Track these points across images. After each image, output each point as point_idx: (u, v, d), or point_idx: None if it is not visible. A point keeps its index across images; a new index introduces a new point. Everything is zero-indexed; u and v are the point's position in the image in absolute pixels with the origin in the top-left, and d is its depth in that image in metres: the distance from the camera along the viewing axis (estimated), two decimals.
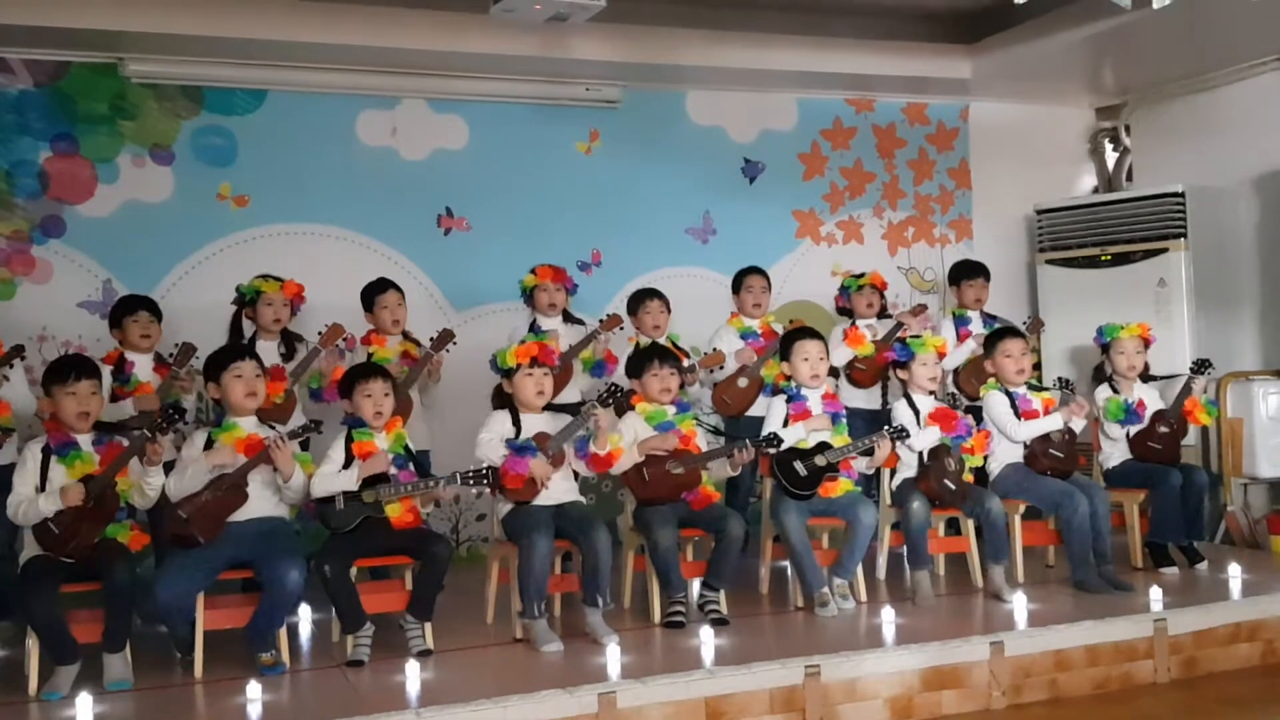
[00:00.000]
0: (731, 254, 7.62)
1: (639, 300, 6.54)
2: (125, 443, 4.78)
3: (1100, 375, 6.55)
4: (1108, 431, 6.34)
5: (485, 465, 4.94)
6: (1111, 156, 8.98)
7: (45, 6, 6.18)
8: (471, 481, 4.86)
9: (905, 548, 5.75)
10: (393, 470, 5.01)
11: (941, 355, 5.99)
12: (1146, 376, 6.49)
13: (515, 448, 5.12)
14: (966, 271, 7.08)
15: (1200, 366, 6.45)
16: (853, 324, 6.81)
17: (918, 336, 6.00)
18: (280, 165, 7.04)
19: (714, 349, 6.45)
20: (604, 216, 7.68)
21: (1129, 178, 8.85)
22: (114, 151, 6.79)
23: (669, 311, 6.53)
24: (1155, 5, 5.14)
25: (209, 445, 4.90)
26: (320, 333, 6.05)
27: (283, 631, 4.82)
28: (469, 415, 5.57)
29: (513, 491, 5.11)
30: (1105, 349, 6.49)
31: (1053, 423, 5.88)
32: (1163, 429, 6.25)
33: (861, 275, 6.93)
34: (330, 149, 7.16)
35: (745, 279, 6.75)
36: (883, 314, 6.94)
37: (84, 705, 4.13)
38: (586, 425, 5.18)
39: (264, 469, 4.89)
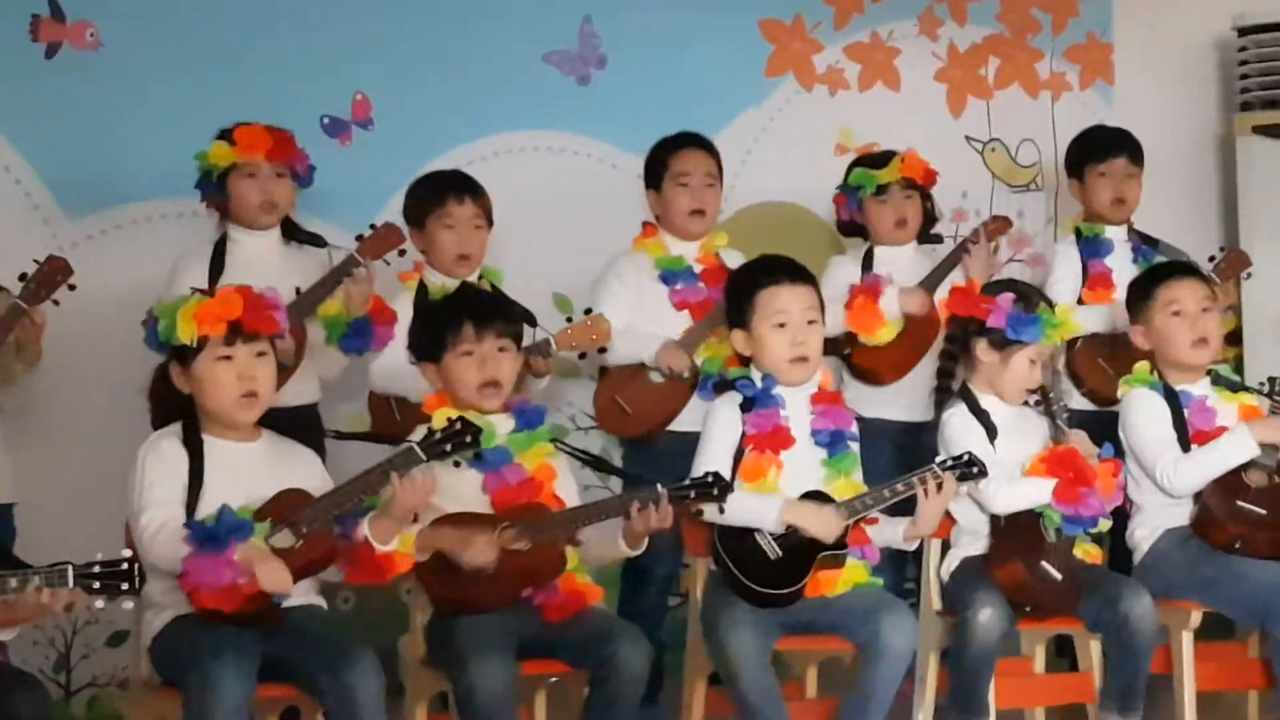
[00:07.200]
0: (637, 107, 5.37)
1: (430, 199, 4.62)
2: None
3: None
4: None
5: (127, 556, 3.38)
6: None
7: None
8: (99, 584, 3.30)
9: (953, 691, 4.06)
10: None
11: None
12: None
13: (202, 534, 3.53)
14: (1099, 147, 5.22)
15: None
16: (868, 266, 4.82)
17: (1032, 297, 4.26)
18: None
19: (594, 313, 4.48)
20: (377, 32, 5.23)
21: None
22: None
23: (489, 224, 4.61)
24: None
25: None
26: None
27: None
28: (97, 434, 4.38)
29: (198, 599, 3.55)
30: None
31: (1244, 448, 4.16)
32: None
33: (887, 159, 4.92)
34: None
35: (673, 158, 4.74)
36: (928, 231, 4.95)
37: None
38: (380, 487, 3.56)
39: None
